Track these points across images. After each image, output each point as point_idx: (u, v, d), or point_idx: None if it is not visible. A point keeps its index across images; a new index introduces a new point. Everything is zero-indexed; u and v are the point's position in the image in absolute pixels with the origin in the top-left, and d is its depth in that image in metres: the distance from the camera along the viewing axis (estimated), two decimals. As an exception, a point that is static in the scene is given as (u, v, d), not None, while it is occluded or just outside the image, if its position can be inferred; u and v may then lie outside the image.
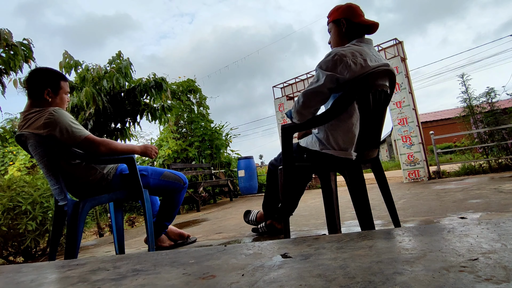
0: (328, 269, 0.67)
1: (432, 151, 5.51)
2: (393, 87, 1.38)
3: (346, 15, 1.39)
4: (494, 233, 0.83)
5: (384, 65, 1.29)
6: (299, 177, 1.62)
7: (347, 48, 1.27)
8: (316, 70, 1.30)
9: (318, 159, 1.39)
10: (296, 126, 1.38)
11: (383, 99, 1.34)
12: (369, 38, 1.39)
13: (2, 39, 2.10)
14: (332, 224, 1.35)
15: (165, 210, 1.83)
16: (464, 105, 5.17)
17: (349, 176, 1.28)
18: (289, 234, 1.40)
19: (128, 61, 3.16)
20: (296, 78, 6.47)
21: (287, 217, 1.43)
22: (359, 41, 1.36)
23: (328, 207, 1.34)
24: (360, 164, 1.34)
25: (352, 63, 1.23)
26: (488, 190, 2.64)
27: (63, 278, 0.90)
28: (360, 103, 1.28)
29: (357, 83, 1.23)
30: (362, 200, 1.24)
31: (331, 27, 1.46)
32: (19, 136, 1.47)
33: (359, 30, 1.39)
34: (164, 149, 6.35)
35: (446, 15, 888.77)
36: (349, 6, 1.42)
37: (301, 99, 1.30)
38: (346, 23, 1.38)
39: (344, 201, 2.88)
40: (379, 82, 1.29)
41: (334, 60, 1.24)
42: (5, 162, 6.53)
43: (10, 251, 2.33)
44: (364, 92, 1.25)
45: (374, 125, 1.35)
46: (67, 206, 1.44)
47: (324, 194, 1.35)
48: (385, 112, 1.41)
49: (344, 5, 1.44)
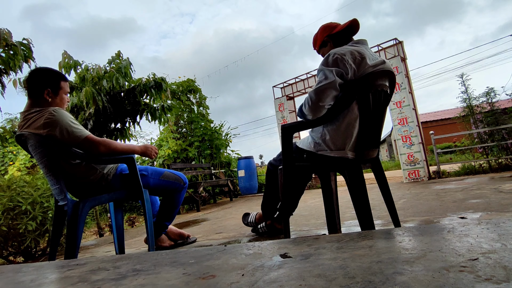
0: (328, 269, 0.67)
1: (432, 151, 5.51)
2: (393, 87, 1.38)
3: (325, 33, 1.47)
4: (494, 233, 0.83)
5: (383, 63, 1.30)
6: (299, 177, 1.62)
7: (344, 48, 1.28)
8: (319, 70, 1.30)
9: (316, 160, 1.39)
10: (296, 125, 1.38)
11: (383, 99, 1.34)
12: (363, 38, 1.41)
13: (2, 39, 2.10)
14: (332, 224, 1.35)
15: (165, 210, 1.83)
16: (464, 105, 5.17)
17: (349, 176, 1.28)
18: (289, 234, 1.40)
19: (127, 61, 3.16)
20: (296, 78, 6.47)
21: (287, 217, 1.43)
22: (354, 43, 1.38)
23: (328, 207, 1.34)
24: (360, 164, 1.34)
25: (352, 62, 1.24)
26: (488, 190, 2.64)
27: (63, 278, 0.90)
28: (360, 103, 1.28)
29: (357, 83, 1.23)
30: (362, 200, 1.24)
31: (322, 52, 1.54)
32: (19, 136, 1.47)
33: (343, 36, 1.44)
34: (164, 149, 6.35)
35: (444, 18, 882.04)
36: (322, 27, 1.51)
37: (313, 97, 1.28)
38: (330, 39, 1.46)
39: (344, 201, 2.88)
40: (379, 82, 1.29)
41: (334, 59, 1.25)
42: (5, 162, 6.53)
43: (10, 251, 2.32)
44: (364, 92, 1.25)
45: (374, 125, 1.35)
46: (67, 206, 1.44)
47: (324, 194, 1.35)
48: (385, 112, 1.41)
49: (317, 31, 1.54)
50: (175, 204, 1.82)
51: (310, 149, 1.41)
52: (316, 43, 1.55)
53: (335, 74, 1.24)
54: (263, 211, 1.91)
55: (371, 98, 1.28)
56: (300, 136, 6.33)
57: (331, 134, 1.33)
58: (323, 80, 1.26)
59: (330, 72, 1.24)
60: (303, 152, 1.45)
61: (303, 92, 6.43)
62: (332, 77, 1.24)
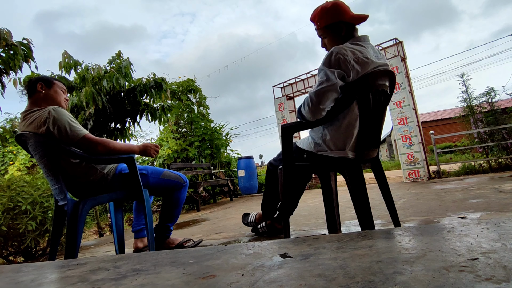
0: (328, 268, 0.67)
1: (432, 151, 5.51)
2: (393, 86, 1.38)
3: (339, 17, 1.31)
4: (494, 232, 0.83)
5: (384, 64, 1.29)
6: (299, 176, 1.62)
7: (347, 48, 1.25)
8: (320, 70, 1.25)
9: (316, 160, 1.38)
10: (296, 125, 1.38)
11: (383, 99, 1.33)
12: (365, 35, 1.36)
13: (2, 39, 2.10)
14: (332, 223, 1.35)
15: (166, 211, 1.82)
16: (464, 105, 5.17)
17: (349, 176, 1.28)
18: (289, 234, 1.39)
19: (128, 61, 3.16)
20: (296, 78, 6.47)
21: (287, 217, 1.43)
22: (357, 40, 1.32)
23: (328, 207, 1.34)
24: (360, 163, 1.33)
25: (355, 63, 1.21)
26: (488, 190, 2.64)
27: (63, 278, 0.90)
28: (360, 103, 1.27)
29: (357, 83, 1.23)
30: (362, 199, 1.24)
31: (323, 33, 1.38)
32: (19, 136, 1.47)
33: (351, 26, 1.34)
34: (164, 149, 6.35)
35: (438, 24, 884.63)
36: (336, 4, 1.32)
37: (314, 99, 1.24)
38: (345, 26, 1.33)
39: (344, 201, 2.88)
40: (379, 82, 1.28)
41: (336, 59, 1.21)
42: (5, 162, 6.53)
43: (10, 251, 2.32)
44: (364, 92, 1.25)
45: (374, 125, 1.35)
46: (67, 206, 1.44)
47: (324, 194, 1.35)
48: (385, 112, 1.40)
49: (330, 5, 1.33)
50: (176, 203, 1.82)
51: (310, 149, 1.40)
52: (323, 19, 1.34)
53: (336, 76, 1.20)
54: (263, 211, 1.91)
55: (371, 98, 1.27)
56: (300, 136, 6.33)
57: (331, 134, 1.32)
58: (324, 82, 1.22)
59: (332, 73, 1.20)
60: (303, 152, 1.44)
61: (303, 92, 6.43)
62: (334, 79, 1.20)
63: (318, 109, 1.25)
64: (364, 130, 1.31)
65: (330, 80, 1.21)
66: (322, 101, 1.23)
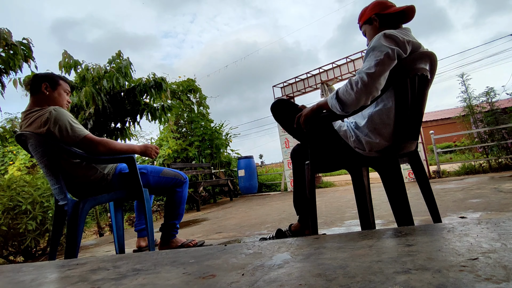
0: (328, 268, 0.67)
1: (432, 150, 5.51)
2: (434, 71, 1.27)
3: (375, 11, 1.32)
4: (494, 232, 0.83)
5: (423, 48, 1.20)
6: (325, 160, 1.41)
7: (397, 32, 1.16)
8: (372, 50, 1.12)
9: (349, 155, 1.27)
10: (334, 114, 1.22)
11: (423, 84, 1.22)
12: (407, 27, 1.30)
13: (2, 39, 2.10)
14: (365, 220, 1.27)
15: (170, 209, 1.82)
16: (464, 104, 5.17)
17: (384, 171, 1.19)
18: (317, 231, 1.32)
19: (128, 60, 3.15)
20: (296, 78, 6.46)
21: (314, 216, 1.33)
22: (399, 28, 1.26)
23: (360, 204, 1.24)
24: (397, 158, 1.21)
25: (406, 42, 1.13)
26: (488, 190, 2.64)
27: (63, 278, 0.90)
28: (397, 89, 1.15)
29: (394, 67, 1.11)
30: (401, 196, 1.16)
31: (364, 29, 1.40)
32: (19, 136, 1.47)
33: (393, 20, 1.30)
34: (164, 148, 6.36)
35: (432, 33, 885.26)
36: (374, 2, 1.35)
37: (374, 70, 1.06)
38: (377, 18, 1.31)
39: (344, 201, 2.88)
40: (418, 65, 1.18)
41: (390, 36, 1.12)
42: (5, 161, 6.53)
43: (10, 251, 2.33)
44: (402, 77, 1.13)
45: (413, 114, 1.22)
46: (67, 206, 1.44)
47: (356, 191, 1.26)
48: (426, 99, 1.27)
49: (368, 5, 1.37)
50: (178, 201, 1.81)
51: (346, 139, 1.28)
52: (361, 18, 1.39)
53: (395, 52, 1.08)
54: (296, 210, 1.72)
55: (409, 84, 1.16)
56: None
57: (372, 136, 1.22)
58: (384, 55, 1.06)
59: (392, 50, 1.07)
60: (338, 137, 1.30)
61: (303, 92, 6.40)
62: (393, 55, 1.07)
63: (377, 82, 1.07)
64: (402, 120, 1.19)
65: (388, 54, 1.07)
66: (383, 71, 1.07)
